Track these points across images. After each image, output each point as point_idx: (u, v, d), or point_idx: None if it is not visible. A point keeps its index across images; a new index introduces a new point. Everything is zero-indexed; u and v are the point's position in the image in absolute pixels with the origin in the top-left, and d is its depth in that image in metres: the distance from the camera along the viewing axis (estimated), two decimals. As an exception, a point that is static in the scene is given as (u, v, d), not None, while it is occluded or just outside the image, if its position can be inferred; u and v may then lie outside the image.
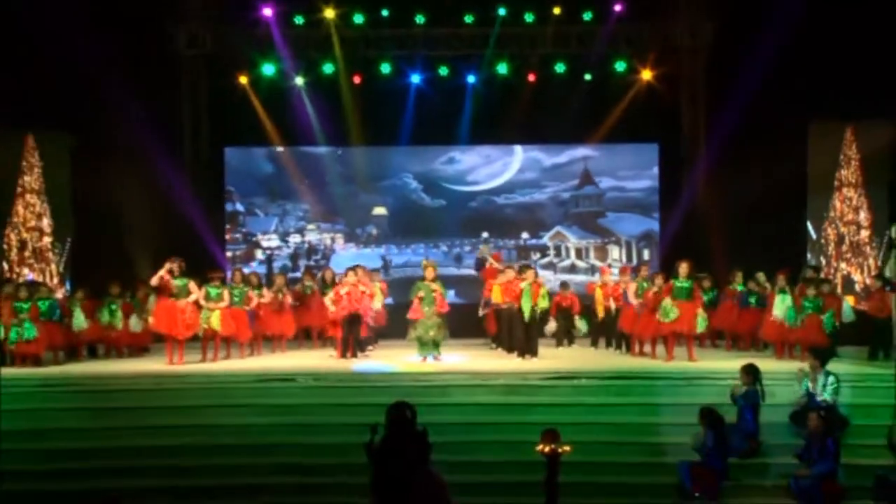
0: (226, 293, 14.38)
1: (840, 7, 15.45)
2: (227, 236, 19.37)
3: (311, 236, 19.62)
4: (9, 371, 13.51)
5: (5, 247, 16.96)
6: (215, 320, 14.08)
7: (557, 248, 19.58)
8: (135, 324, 15.05)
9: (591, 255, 19.36)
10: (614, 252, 19.46)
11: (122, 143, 17.07)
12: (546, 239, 19.59)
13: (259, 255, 19.49)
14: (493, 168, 19.61)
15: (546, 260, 19.38)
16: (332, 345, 15.01)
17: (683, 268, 14.03)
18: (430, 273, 14.16)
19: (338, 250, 19.35)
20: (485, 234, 19.41)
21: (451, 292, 16.46)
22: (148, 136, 17.32)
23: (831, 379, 10.91)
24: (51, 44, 15.29)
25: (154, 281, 13.91)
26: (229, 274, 16.14)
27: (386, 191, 19.61)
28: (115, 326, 15.04)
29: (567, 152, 19.48)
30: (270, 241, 19.60)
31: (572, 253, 19.50)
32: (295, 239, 19.61)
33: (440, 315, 13.91)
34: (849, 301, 14.66)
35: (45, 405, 12.06)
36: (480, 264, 17.11)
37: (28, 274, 16.60)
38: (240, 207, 19.54)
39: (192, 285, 13.93)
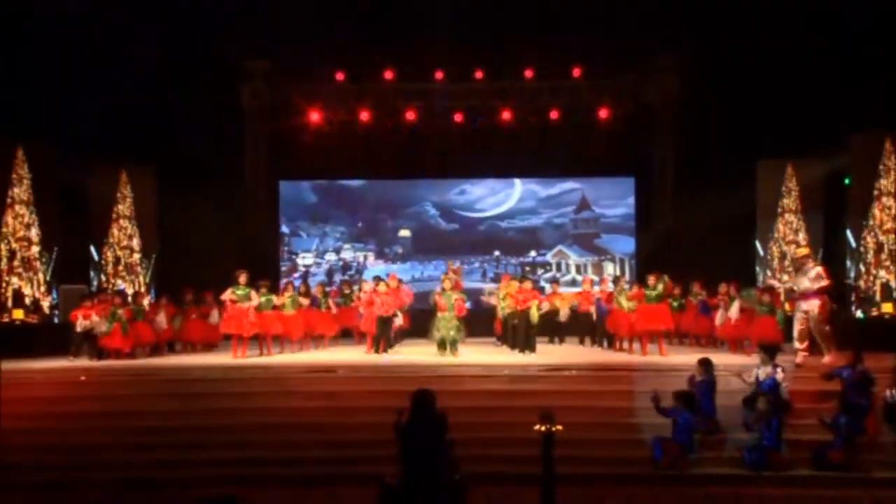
0: (274, 298, 14.51)
1: (781, 68, 15.50)
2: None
3: (346, 254, 19.64)
4: (105, 363, 13.70)
5: (103, 262, 17.12)
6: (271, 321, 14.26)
7: (559, 265, 19.45)
8: (214, 319, 15.16)
9: (589, 271, 19.07)
10: (609, 268, 19.21)
11: (198, 177, 17.20)
12: (549, 256, 19.51)
13: (301, 268, 19.49)
14: (497, 198, 19.64)
15: (549, 274, 19.24)
16: (366, 342, 15.03)
17: (652, 279, 14.05)
18: (448, 282, 14.23)
19: (369, 266, 19.35)
20: (496, 252, 19.38)
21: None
22: (219, 171, 17.47)
23: (778, 369, 10.87)
24: (140, 97, 15.46)
25: (222, 297, 14.11)
26: (281, 284, 16.19)
27: (409, 216, 19.67)
28: (187, 327, 15.22)
29: (558, 185, 19.50)
30: (305, 259, 19.58)
31: (573, 269, 19.36)
32: (330, 257, 19.58)
33: (459, 318, 13.94)
34: (786, 307, 14.49)
35: (134, 391, 12.12)
36: None
37: (121, 284, 16.71)
38: (285, 230, 19.60)
39: (253, 293, 14.04)
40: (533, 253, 19.48)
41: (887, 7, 14.69)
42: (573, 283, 18.85)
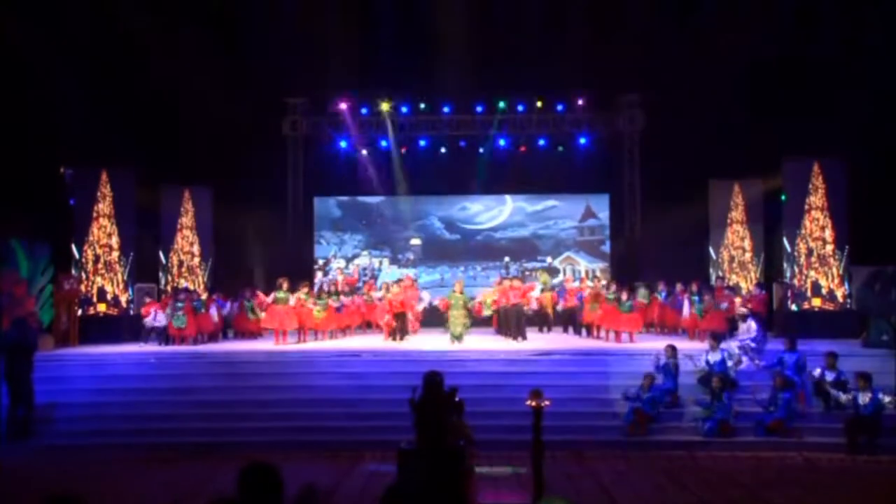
0: (310, 300, 14.54)
1: (729, 105, 15.51)
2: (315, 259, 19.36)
3: (363, 261, 19.34)
4: (171, 348, 13.72)
5: (169, 265, 17.19)
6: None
7: (564, 270, 18.54)
8: (259, 313, 15.17)
9: (598, 275, 17.92)
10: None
11: (247, 194, 17.23)
12: (557, 262, 18.91)
13: (319, 274, 19.00)
14: (491, 213, 19.38)
15: (558, 279, 18.03)
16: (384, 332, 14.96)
17: (624, 294, 13.98)
18: (458, 286, 14.24)
19: (384, 270, 19.17)
20: (506, 259, 19.13)
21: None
22: (263, 190, 17.51)
23: (725, 354, 10.83)
24: (199, 130, 15.52)
25: (269, 299, 14.17)
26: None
27: (419, 228, 19.43)
28: (238, 318, 15.31)
29: (542, 201, 19.31)
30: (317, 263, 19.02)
31: (581, 273, 18.29)
32: (340, 263, 18.93)
33: (467, 317, 13.91)
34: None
35: (194, 371, 12.16)
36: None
37: (184, 283, 16.74)
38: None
39: (292, 297, 14.12)
40: (549, 259, 18.85)
41: (811, 59, 14.91)
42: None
